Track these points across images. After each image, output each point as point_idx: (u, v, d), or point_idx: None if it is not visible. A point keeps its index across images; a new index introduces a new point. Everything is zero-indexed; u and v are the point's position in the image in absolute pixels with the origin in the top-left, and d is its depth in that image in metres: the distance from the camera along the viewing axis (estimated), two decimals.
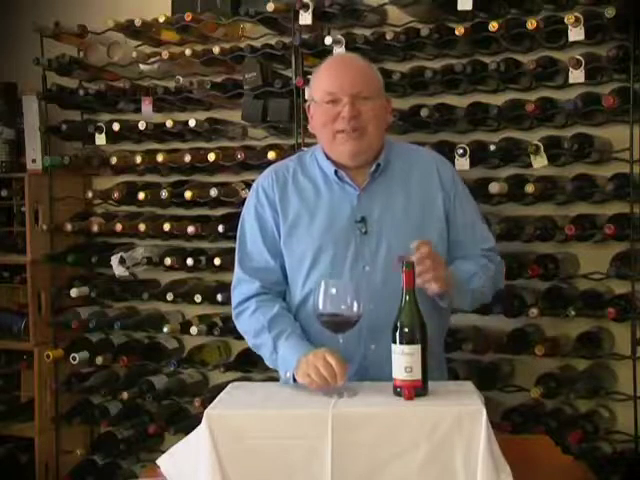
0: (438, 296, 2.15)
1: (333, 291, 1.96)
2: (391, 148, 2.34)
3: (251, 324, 2.27)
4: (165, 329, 3.42)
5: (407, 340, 1.89)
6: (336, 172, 2.26)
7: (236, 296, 2.33)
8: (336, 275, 2.17)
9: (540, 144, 2.85)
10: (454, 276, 2.17)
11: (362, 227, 2.22)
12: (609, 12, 2.68)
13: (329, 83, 2.24)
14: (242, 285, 2.31)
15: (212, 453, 1.83)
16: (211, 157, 3.27)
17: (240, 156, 3.25)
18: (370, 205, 2.24)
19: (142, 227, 3.41)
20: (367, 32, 3.13)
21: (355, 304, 1.95)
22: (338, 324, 1.98)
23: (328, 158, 2.29)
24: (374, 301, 2.12)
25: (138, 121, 3.48)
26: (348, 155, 2.24)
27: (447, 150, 2.93)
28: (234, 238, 2.41)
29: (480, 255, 2.31)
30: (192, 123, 3.35)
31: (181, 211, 3.55)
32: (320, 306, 1.97)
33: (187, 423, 3.31)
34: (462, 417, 1.80)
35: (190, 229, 3.30)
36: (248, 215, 2.35)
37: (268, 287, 2.30)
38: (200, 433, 1.86)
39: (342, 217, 2.24)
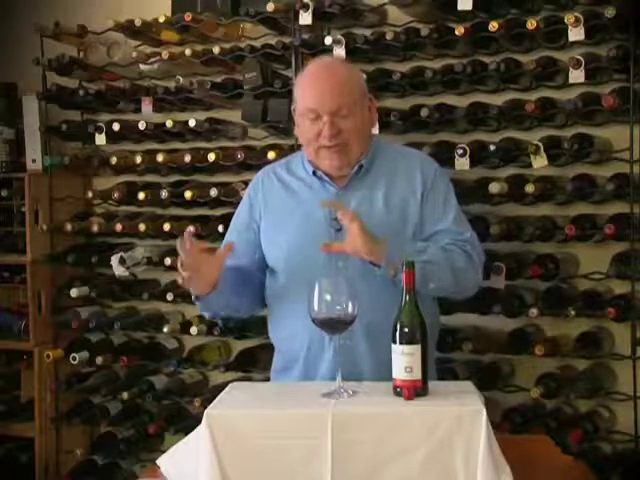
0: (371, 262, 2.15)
1: (328, 292, 1.95)
2: (378, 149, 2.37)
3: None
4: (165, 329, 3.43)
5: (407, 340, 1.89)
6: (314, 173, 2.32)
7: None
8: (310, 269, 2.18)
9: (540, 144, 2.84)
10: (397, 245, 2.16)
11: (336, 224, 2.25)
12: (609, 12, 2.68)
13: (310, 100, 2.27)
14: None
15: (212, 453, 1.82)
16: (211, 157, 3.27)
17: (240, 156, 3.25)
18: (347, 203, 2.25)
19: (142, 227, 3.41)
20: (367, 32, 3.13)
21: (350, 304, 1.95)
22: (333, 325, 1.97)
23: (312, 164, 2.35)
24: None
25: (138, 121, 3.48)
26: (332, 169, 2.30)
27: (447, 150, 2.93)
28: None
29: (449, 243, 2.26)
30: (192, 123, 3.35)
31: (181, 211, 3.55)
32: (315, 307, 1.96)
33: (187, 423, 3.31)
34: (462, 417, 1.80)
35: (190, 229, 3.29)
36: (236, 214, 2.48)
37: None
38: (200, 433, 1.86)
39: (319, 214, 2.28)
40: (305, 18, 3.10)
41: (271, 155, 3.14)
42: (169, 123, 3.41)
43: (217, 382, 3.46)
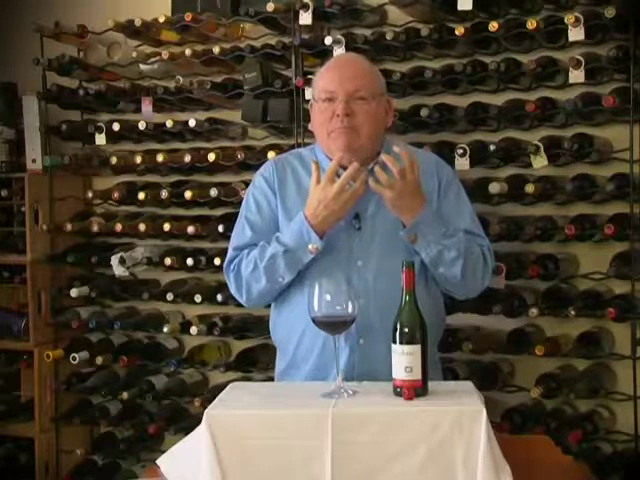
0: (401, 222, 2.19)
1: (328, 293, 1.95)
2: (389, 148, 2.34)
3: (246, 268, 2.28)
4: (165, 329, 3.42)
5: (407, 340, 1.89)
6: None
7: (227, 269, 2.36)
8: (329, 268, 2.17)
9: (540, 144, 2.84)
10: (430, 218, 2.19)
11: (356, 223, 2.25)
12: (609, 12, 2.68)
13: (328, 81, 2.29)
14: (232, 262, 2.35)
15: (212, 453, 1.83)
16: (211, 157, 3.27)
17: (240, 156, 3.25)
18: (365, 202, 2.25)
19: (142, 227, 3.41)
20: (367, 32, 3.13)
21: (350, 305, 1.95)
22: (333, 325, 1.98)
23: (327, 155, 2.33)
24: (365, 296, 2.14)
25: (138, 121, 3.48)
26: (341, 150, 2.26)
27: (447, 150, 2.93)
28: None
29: (469, 240, 2.28)
30: (192, 123, 3.35)
31: (181, 211, 3.55)
32: (315, 308, 1.96)
33: (187, 423, 3.31)
34: (462, 417, 1.81)
35: (190, 229, 3.29)
36: (247, 204, 2.39)
37: None
38: (200, 433, 1.86)
39: None
40: (305, 18, 3.10)
41: (271, 155, 3.13)
42: (169, 123, 3.41)
43: (217, 382, 3.45)
